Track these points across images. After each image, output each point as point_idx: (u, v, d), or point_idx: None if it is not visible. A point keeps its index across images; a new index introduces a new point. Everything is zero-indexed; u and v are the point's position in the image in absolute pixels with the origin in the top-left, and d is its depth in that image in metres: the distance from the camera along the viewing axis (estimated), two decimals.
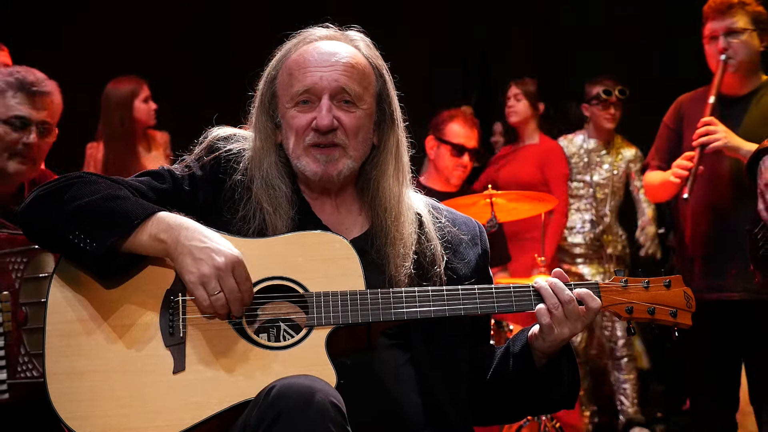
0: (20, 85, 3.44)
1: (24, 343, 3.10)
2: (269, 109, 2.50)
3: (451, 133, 5.34)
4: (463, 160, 5.36)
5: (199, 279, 2.22)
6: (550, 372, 2.40)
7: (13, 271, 3.13)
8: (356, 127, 2.43)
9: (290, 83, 2.44)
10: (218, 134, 2.55)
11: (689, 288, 2.40)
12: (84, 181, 2.34)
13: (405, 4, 7.30)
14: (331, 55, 2.44)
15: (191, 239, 2.24)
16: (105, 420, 2.22)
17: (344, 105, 2.43)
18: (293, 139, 2.44)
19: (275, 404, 2.06)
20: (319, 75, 2.41)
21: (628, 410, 6.14)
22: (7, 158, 3.44)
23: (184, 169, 2.49)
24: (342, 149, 2.43)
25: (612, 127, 6.27)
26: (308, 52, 2.45)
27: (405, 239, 2.42)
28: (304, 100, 2.43)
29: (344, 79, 2.42)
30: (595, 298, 2.33)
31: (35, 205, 2.34)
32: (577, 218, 6.27)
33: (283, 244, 2.35)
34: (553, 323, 2.31)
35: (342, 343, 2.30)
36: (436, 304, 2.33)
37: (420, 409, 2.38)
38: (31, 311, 3.11)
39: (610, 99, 6.17)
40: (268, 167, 2.46)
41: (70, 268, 2.33)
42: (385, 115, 2.50)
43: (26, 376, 3.10)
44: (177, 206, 2.38)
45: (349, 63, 2.44)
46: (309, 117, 2.42)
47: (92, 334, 2.28)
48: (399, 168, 2.50)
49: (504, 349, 2.50)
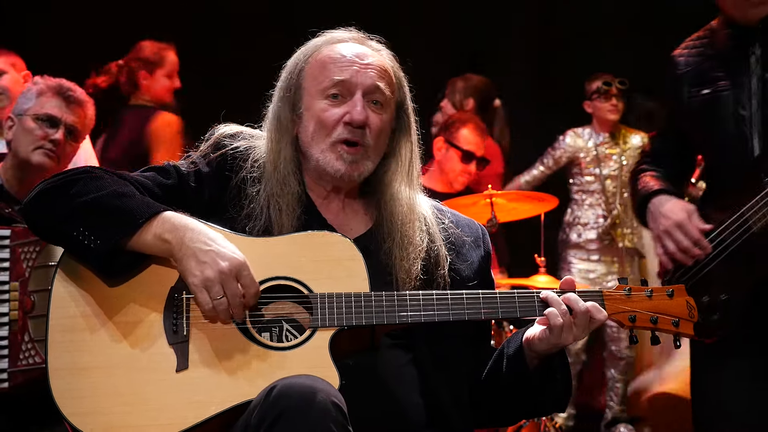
0: (58, 89, 3.76)
1: (29, 330, 3.13)
2: (292, 100, 2.48)
3: (463, 138, 5.33)
4: (470, 168, 5.36)
5: (203, 282, 2.21)
6: (543, 374, 2.41)
7: (25, 261, 3.18)
8: (380, 130, 2.44)
9: (323, 74, 2.43)
10: (225, 131, 2.54)
11: (692, 298, 2.41)
12: (90, 177, 2.33)
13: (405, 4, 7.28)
14: (365, 55, 2.45)
15: (196, 241, 2.23)
16: (107, 417, 2.21)
17: (373, 105, 2.43)
18: (320, 132, 2.42)
19: (276, 404, 2.06)
20: (356, 69, 2.42)
21: (615, 407, 6.19)
22: (32, 150, 3.67)
23: (190, 165, 2.48)
24: (365, 151, 2.43)
25: (616, 118, 6.32)
26: (343, 48, 2.46)
27: (415, 244, 2.42)
28: (336, 93, 2.42)
29: (379, 78, 2.43)
30: (601, 310, 2.34)
31: (40, 199, 2.33)
32: (590, 214, 6.30)
33: (287, 243, 2.35)
34: (563, 331, 2.32)
35: (345, 344, 2.31)
36: (441, 309, 2.33)
37: (422, 409, 2.38)
38: (38, 298, 3.14)
39: (611, 90, 6.21)
40: (284, 161, 2.45)
41: (73, 262, 2.32)
42: (402, 124, 2.51)
43: (28, 363, 3.12)
44: (182, 202, 2.38)
45: (383, 67, 2.46)
46: (340, 111, 2.41)
47: (95, 330, 2.28)
48: (411, 175, 2.51)
49: (498, 350, 2.51)
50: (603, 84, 6.22)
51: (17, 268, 3.18)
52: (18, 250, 3.19)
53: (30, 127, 3.67)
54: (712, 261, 3.09)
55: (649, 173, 3.34)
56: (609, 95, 6.23)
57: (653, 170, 3.34)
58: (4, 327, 3.16)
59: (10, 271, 3.19)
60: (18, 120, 3.71)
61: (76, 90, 3.80)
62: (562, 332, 2.31)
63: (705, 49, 3.25)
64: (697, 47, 3.27)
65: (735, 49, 3.16)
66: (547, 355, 2.38)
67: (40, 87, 3.75)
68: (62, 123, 3.70)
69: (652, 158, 3.39)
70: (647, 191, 3.25)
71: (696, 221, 3.11)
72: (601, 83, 6.23)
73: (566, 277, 2.44)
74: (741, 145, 3.10)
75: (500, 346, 2.53)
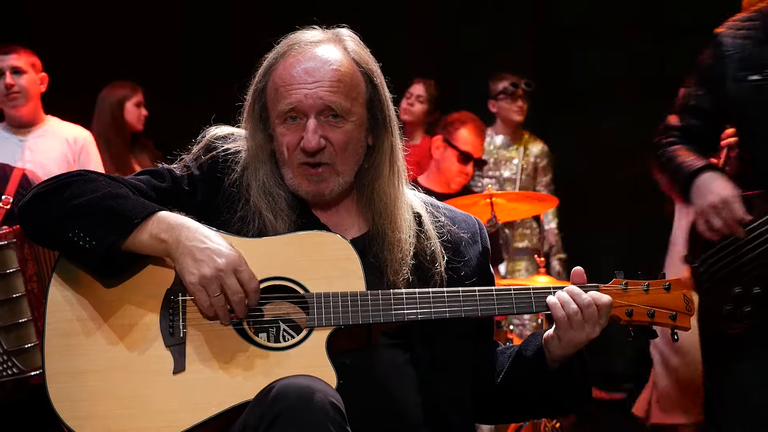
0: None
1: (1, 342, 3.13)
2: (261, 119, 2.45)
3: (461, 138, 5.31)
4: (467, 168, 5.34)
5: (200, 280, 2.21)
6: (563, 375, 2.40)
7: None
8: (344, 143, 2.38)
9: (277, 99, 2.39)
10: (216, 133, 2.53)
11: (689, 291, 2.40)
12: (84, 179, 2.34)
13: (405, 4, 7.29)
14: (315, 70, 2.36)
15: (192, 239, 2.23)
16: (105, 420, 2.21)
17: (332, 120, 2.37)
18: (285, 157, 2.41)
19: (274, 404, 2.06)
20: (304, 93, 2.35)
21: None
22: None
23: (183, 168, 2.48)
24: (330, 168, 2.39)
25: (521, 120, 6.35)
26: (293, 66, 2.38)
27: (402, 243, 2.41)
28: (292, 116, 2.38)
29: (329, 96, 2.35)
30: (603, 294, 2.33)
31: (35, 203, 2.33)
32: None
33: (283, 244, 2.35)
34: (573, 326, 2.31)
35: (342, 343, 2.30)
36: (437, 306, 2.33)
37: (420, 408, 2.38)
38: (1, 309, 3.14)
39: (517, 92, 6.25)
40: (264, 177, 2.43)
41: (69, 266, 2.33)
42: (377, 120, 2.45)
43: (7, 374, 3.12)
44: (177, 206, 2.38)
45: (335, 77, 2.37)
46: (297, 136, 2.38)
47: (92, 333, 2.28)
48: (394, 171, 2.47)
49: (516, 351, 2.49)
50: (510, 85, 6.26)
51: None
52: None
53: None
54: (748, 253, 3.08)
55: (683, 147, 3.29)
56: (516, 96, 6.27)
57: (687, 145, 3.30)
58: None
59: None
60: None
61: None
62: (573, 328, 2.30)
63: (756, 32, 3.20)
64: (744, 29, 3.22)
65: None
66: (567, 355, 2.37)
67: None
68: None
69: (684, 133, 3.33)
70: (692, 166, 3.20)
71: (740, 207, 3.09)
72: (508, 84, 6.27)
73: (576, 267, 2.41)
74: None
75: (503, 343, 2.52)
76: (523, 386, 2.45)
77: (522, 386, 2.45)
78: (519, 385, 2.46)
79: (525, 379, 2.43)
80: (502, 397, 2.50)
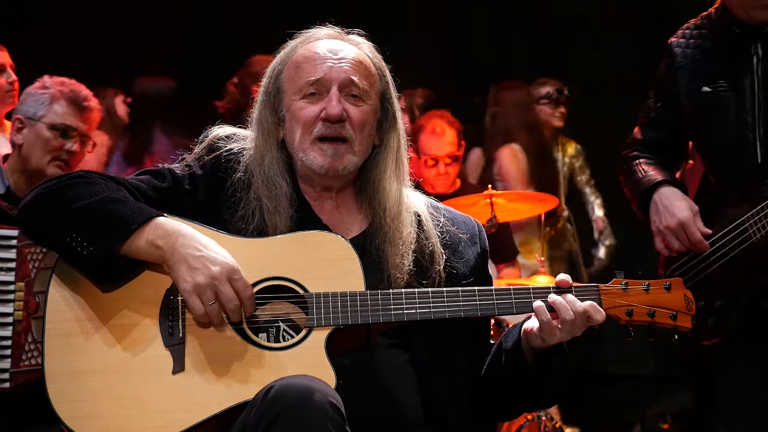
0: (73, 97, 3.79)
1: (32, 331, 3.15)
2: (273, 104, 2.50)
3: (424, 145, 5.29)
4: (440, 170, 5.32)
5: (194, 288, 2.21)
6: (542, 366, 2.40)
7: (31, 261, 3.20)
8: (363, 122, 2.44)
9: (298, 75, 2.45)
10: (218, 134, 2.55)
11: (690, 291, 2.40)
12: (84, 182, 2.34)
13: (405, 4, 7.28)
14: (339, 50, 2.47)
15: (187, 247, 2.23)
16: (104, 420, 2.22)
17: (351, 98, 2.44)
18: (299, 131, 2.44)
19: (274, 404, 2.06)
20: (329, 65, 2.43)
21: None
22: (48, 162, 3.74)
23: (185, 168, 2.48)
24: (348, 144, 2.43)
25: (561, 125, 6.32)
26: (316, 47, 2.47)
27: (404, 238, 2.43)
28: (312, 92, 2.44)
29: (353, 72, 2.44)
30: (600, 310, 2.33)
31: (35, 204, 2.33)
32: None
33: (283, 244, 2.35)
34: (563, 331, 2.31)
35: (342, 343, 2.31)
36: (436, 306, 2.33)
37: (419, 408, 2.38)
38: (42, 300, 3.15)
39: (560, 98, 6.23)
40: (269, 164, 2.45)
41: (69, 267, 2.33)
42: (387, 115, 2.52)
43: (30, 364, 3.14)
44: (178, 205, 2.38)
45: (357, 59, 2.47)
46: (317, 108, 2.43)
47: (91, 334, 2.28)
48: (399, 168, 2.51)
49: (497, 344, 2.50)
50: (555, 91, 6.24)
51: (23, 269, 3.20)
52: (25, 250, 3.20)
53: (45, 136, 3.72)
54: (710, 266, 3.08)
55: (644, 161, 3.30)
56: (558, 102, 6.26)
57: (648, 158, 3.31)
58: (7, 327, 3.18)
59: (16, 271, 3.21)
60: (31, 126, 3.74)
61: (89, 98, 3.84)
62: (560, 332, 2.31)
63: (703, 41, 3.20)
64: (694, 38, 3.23)
65: (737, 48, 3.13)
66: (545, 347, 2.37)
67: (52, 92, 3.78)
68: (77, 133, 3.77)
69: (645, 146, 3.35)
70: (650, 181, 3.21)
71: (699, 224, 3.10)
72: (552, 89, 6.25)
73: (561, 275, 2.41)
74: (743, 151, 3.08)
75: (498, 339, 2.53)
76: (502, 379, 2.45)
77: (501, 379, 2.45)
78: (498, 379, 2.46)
79: (503, 371, 2.44)
80: (487, 393, 2.50)
